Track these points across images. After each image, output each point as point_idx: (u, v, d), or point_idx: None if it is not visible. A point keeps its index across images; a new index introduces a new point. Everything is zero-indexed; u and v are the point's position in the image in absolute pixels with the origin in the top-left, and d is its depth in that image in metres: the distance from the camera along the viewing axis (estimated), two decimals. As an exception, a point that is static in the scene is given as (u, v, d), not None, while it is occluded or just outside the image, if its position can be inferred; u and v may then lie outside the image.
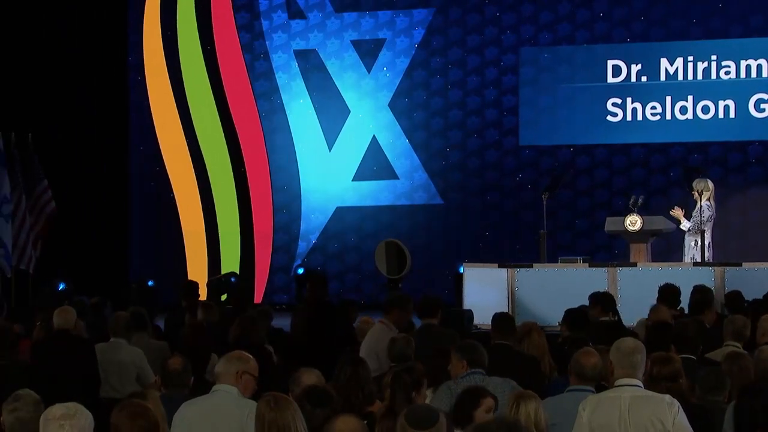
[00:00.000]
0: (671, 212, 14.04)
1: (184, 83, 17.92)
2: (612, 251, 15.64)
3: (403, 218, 17.41)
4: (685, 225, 13.88)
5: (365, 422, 5.41)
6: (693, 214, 13.84)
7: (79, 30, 17.13)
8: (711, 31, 16.55)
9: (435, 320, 8.96)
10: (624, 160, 16.84)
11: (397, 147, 17.51)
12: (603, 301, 9.69)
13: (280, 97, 17.84)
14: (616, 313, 9.75)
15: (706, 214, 13.66)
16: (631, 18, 16.88)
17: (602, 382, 6.40)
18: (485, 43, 17.34)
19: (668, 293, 10.09)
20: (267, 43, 17.89)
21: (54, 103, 17.07)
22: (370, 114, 17.60)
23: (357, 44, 17.68)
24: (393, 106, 17.53)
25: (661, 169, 16.65)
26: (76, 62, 17.15)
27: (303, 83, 17.77)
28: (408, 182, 17.48)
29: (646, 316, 9.81)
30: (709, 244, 13.71)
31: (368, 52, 17.63)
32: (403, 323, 9.23)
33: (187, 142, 17.90)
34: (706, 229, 13.63)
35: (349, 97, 17.64)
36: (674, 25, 16.73)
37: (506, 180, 17.24)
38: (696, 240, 13.66)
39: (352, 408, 6.09)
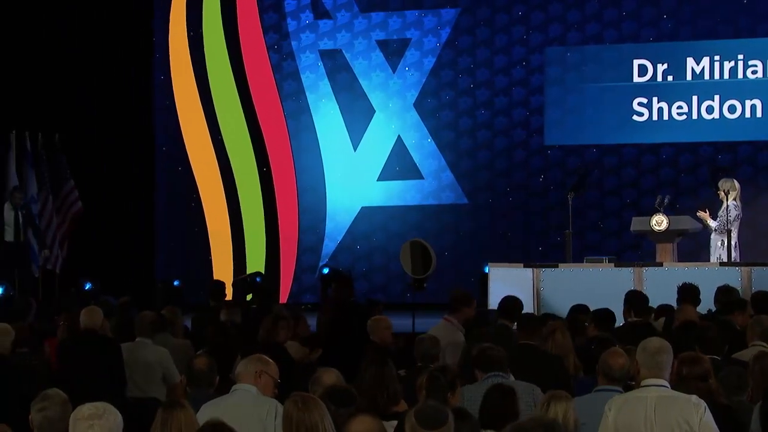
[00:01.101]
0: (697, 214, 13.98)
1: (210, 83, 17.97)
2: (640, 251, 15.54)
3: (428, 218, 17.40)
4: (712, 225, 13.82)
5: (393, 422, 5.42)
6: (719, 214, 13.78)
7: (104, 30, 17.20)
8: (737, 31, 16.46)
9: (511, 323, 8.94)
10: (652, 160, 16.76)
11: (422, 147, 17.50)
12: (632, 301, 9.66)
13: (306, 97, 17.85)
14: (644, 313, 9.68)
15: (733, 213, 13.60)
16: (657, 17, 16.81)
17: (630, 381, 6.39)
18: (512, 42, 17.29)
19: (690, 292, 10.07)
20: (293, 43, 17.91)
21: (80, 104, 17.14)
22: (395, 114, 17.60)
23: (382, 44, 17.69)
24: (418, 105, 17.52)
25: (690, 169, 16.56)
26: (102, 63, 17.21)
27: (328, 83, 17.78)
28: (433, 182, 17.47)
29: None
30: (735, 243, 13.65)
31: (393, 52, 17.63)
32: (468, 320, 9.25)
33: (213, 142, 17.94)
34: (732, 228, 13.57)
35: (374, 97, 17.64)
36: (700, 25, 16.66)
37: (532, 180, 17.20)
38: (723, 240, 13.61)
39: (377, 408, 6.09)
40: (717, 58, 16.41)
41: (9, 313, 9.83)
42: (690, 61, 16.49)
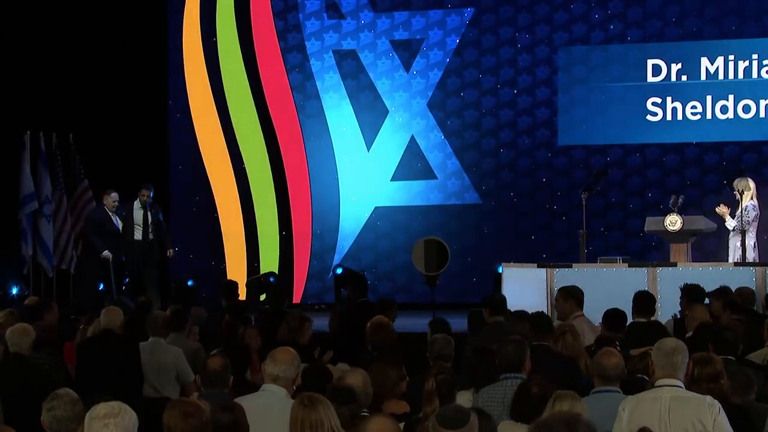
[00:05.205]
0: (717, 209, 13.91)
1: (224, 85, 17.99)
2: (661, 252, 15.44)
3: (442, 218, 17.40)
4: (730, 224, 13.74)
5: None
6: (737, 214, 13.73)
7: (119, 30, 17.23)
8: (754, 31, 16.41)
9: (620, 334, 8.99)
10: (674, 159, 16.68)
11: (435, 147, 17.51)
12: (637, 301, 9.67)
13: (320, 97, 17.87)
14: (650, 314, 9.70)
15: (752, 214, 13.56)
16: (672, 17, 16.76)
17: (639, 375, 6.39)
18: (527, 44, 17.26)
19: (697, 292, 10.09)
20: (307, 44, 17.92)
21: (94, 105, 17.18)
22: (408, 114, 17.61)
23: (395, 45, 17.70)
24: (431, 106, 17.53)
25: (712, 169, 16.45)
26: (117, 63, 17.25)
27: (342, 84, 17.79)
28: (446, 182, 17.47)
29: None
30: (754, 244, 13.60)
31: (406, 52, 17.63)
32: None
33: (226, 142, 17.97)
34: (750, 229, 13.52)
35: (387, 97, 17.65)
36: (716, 25, 16.62)
37: (548, 180, 17.16)
38: (740, 240, 13.52)
39: (380, 408, 6.10)
40: (731, 57, 16.37)
41: (29, 313, 9.86)
42: (704, 61, 16.45)
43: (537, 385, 5.68)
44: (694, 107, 16.48)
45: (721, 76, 16.40)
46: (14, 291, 16.03)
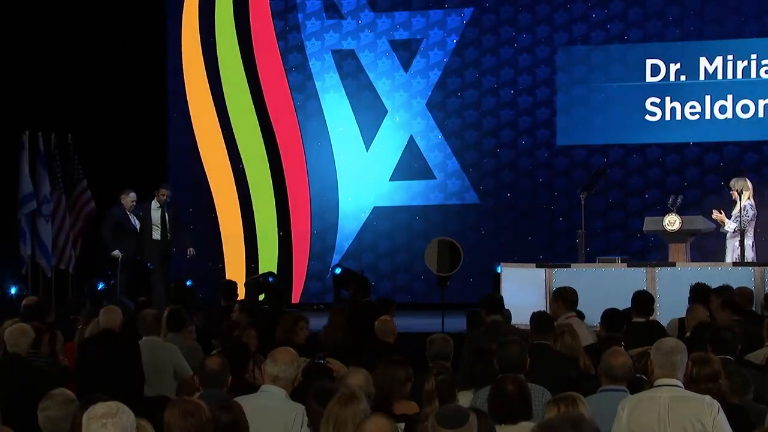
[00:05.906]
0: (713, 215, 13.90)
1: (223, 85, 17.98)
2: (662, 252, 15.40)
3: (441, 218, 17.39)
4: (729, 226, 13.72)
5: (401, 423, 5.42)
6: (734, 214, 13.72)
7: (118, 31, 17.22)
8: (752, 31, 16.41)
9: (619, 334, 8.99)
10: (676, 159, 16.65)
11: (433, 147, 17.50)
12: (636, 301, 9.67)
13: (318, 97, 17.86)
14: (648, 314, 9.70)
15: (750, 213, 13.55)
16: (672, 17, 16.76)
17: (638, 375, 6.38)
18: (527, 44, 17.26)
19: (701, 292, 10.10)
20: (307, 44, 17.91)
21: (93, 105, 17.17)
22: (407, 114, 17.60)
23: (394, 44, 17.69)
24: (431, 106, 17.52)
25: (713, 169, 16.44)
26: (116, 64, 17.25)
27: (341, 84, 17.78)
28: (445, 182, 17.46)
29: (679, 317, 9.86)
30: (752, 244, 13.59)
31: (405, 52, 17.63)
32: None
33: (225, 144, 17.96)
34: (749, 228, 13.51)
35: (386, 97, 17.64)
36: (715, 24, 16.61)
37: (542, 180, 17.16)
38: (740, 240, 13.51)
39: (385, 408, 6.08)
40: (730, 57, 16.36)
41: (30, 314, 9.86)
42: (703, 61, 16.44)
43: (512, 383, 5.65)
44: (692, 107, 16.48)
45: (720, 76, 16.39)
46: (13, 291, 16.01)
